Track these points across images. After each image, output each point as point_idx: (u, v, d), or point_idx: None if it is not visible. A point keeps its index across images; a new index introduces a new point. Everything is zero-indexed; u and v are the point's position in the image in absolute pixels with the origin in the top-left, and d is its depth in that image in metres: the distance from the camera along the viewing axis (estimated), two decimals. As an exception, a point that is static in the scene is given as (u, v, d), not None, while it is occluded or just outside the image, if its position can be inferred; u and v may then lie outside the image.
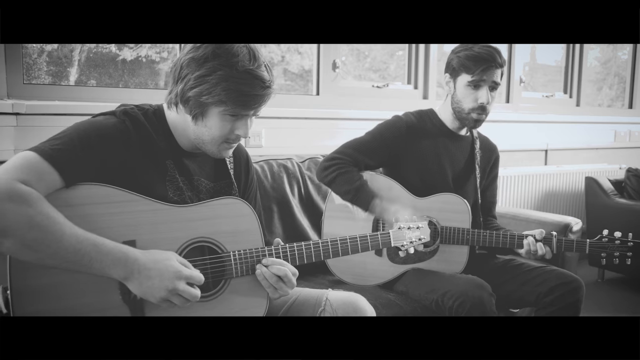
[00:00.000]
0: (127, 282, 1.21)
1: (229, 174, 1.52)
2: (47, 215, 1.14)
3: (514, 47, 3.66)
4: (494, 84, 2.01)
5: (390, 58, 3.46)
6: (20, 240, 1.12)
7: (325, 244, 1.49)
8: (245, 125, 1.37)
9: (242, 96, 1.30)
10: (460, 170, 2.14)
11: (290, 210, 2.32)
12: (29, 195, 1.14)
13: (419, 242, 1.68)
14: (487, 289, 1.84)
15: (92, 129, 1.29)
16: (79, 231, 1.18)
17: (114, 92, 2.37)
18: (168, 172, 1.38)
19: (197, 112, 1.33)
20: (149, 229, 1.29)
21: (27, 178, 1.16)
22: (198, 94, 1.30)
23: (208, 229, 1.36)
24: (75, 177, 1.23)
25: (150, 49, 2.56)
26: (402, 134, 2.06)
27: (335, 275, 2.08)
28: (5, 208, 1.11)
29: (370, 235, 1.58)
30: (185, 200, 1.39)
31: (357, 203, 1.98)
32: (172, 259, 1.24)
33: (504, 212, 2.72)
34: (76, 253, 1.16)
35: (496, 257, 2.19)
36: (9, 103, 1.96)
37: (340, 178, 1.99)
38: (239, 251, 1.38)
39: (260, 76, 1.30)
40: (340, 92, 2.96)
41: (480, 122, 2.05)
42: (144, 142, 1.34)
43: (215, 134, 1.36)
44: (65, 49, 2.39)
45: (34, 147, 1.22)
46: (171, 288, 1.21)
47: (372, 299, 1.93)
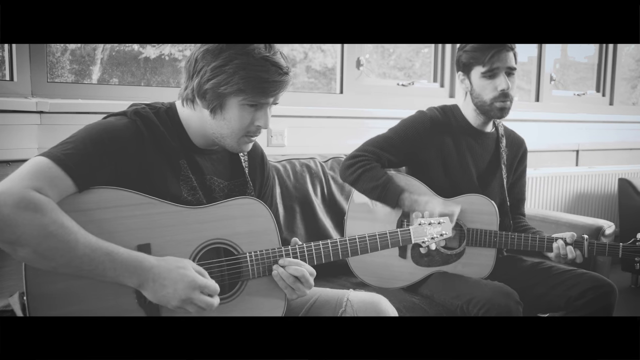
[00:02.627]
0: (142, 289, 1.22)
1: (243, 173, 1.53)
2: (61, 224, 1.15)
3: (544, 44, 3.62)
4: (509, 69, 1.99)
5: (415, 55, 3.44)
6: (35, 249, 1.13)
7: (343, 243, 1.48)
8: (265, 115, 1.37)
9: (261, 83, 1.30)
10: (484, 169, 2.12)
11: (312, 210, 2.33)
12: (43, 203, 1.14)
13: (441, 238, 1.66)
14: (514, 297, 1.82)
15: (103, 131, 1.29)
16: (93, 239, 1.18)
17: (136, 91, 2.41)
18: (181, 172, 1.38)
19: (215, 104, 1.33)
20: (164, 232, 1.30)
21: (40, 185, 1.16)
22: (216, 85, 1.30)
23: (224, 230, 1.36)
24: (88, 182, 1.23)
25: (173, 47, 2.59)
26: (426, 129, 2.05)
27: (357, 277, 2.08)
28: (19, 217, 1.11)
29: (390, 232, 1.57)
30: (200, 199, 1.39)
31: (384, 199, 1.97)
32: (187, 267, 1.24)
33: (533, 214, 2.69)
34: (90, 262, 1.17)
35: (524, 260, 2.17)
36: (33, 101, 2.00)
37: (365, 175, 1.98)
38: (255, 252, 1.38)
39: (277, 62, 1.31)
40: (364, 90, 2.96)
41: (506, 109, 2.02)
42: (157, 141, 1.34)
43: (235, 127, 1.36)
44: (88, 47, 2.43)
45: (46, 152, 1.22)
46: (185, 298, 1.22)
47: (395, 302, 1.93)
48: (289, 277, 1.36)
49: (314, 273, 1.39)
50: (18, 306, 1.19)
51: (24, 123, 1.98)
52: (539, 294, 2.00)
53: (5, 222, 1.11)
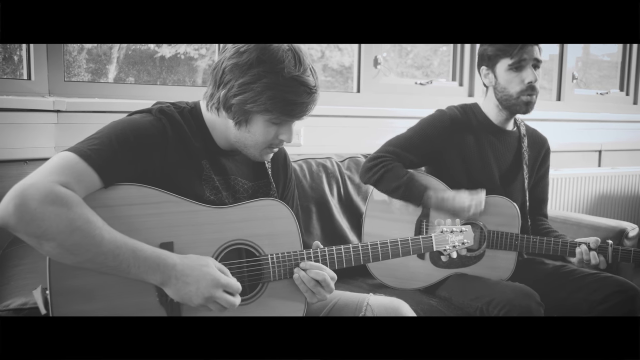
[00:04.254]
0: (165, 287, 1.24)
1: (267, 174, 1.54)
2: (87, 219, 1.16)
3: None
4: (536, 62, 1.98)
5: (433, 54, 3.43)
6: (61, 243, 1.15)
7: (365, 248, 1.48)
8: (289, 130, 1.38)
9: (289, 105, 1.31)
10: (506, 169, 2.11)
11: (329, 210, 2.33)
12: (70, 198, 1.16)
13: (462, 247, 1.66)
14: (535, 298, 1.81)
15: (129, 128, 1.30)
16: (118, 236, 1.20)
17: (152, 90, 2.43)
18: (204, 172, 1.39)
19: (240, 119, 1.34)
20: (187, 231, 1.31)
21: (67, 180, 1.17)
22: (242, 101, 1.31)
23: (246, 231, 1.37)
24: (113, 177, 1.25)
25: (189, 46, 2.61)
26: (445, 128, 2.04)
27: (375, 278, 2.08)
28: (46, 211, 1.13)
29: (412, 239, 1.57)
30: (223, 200, 1.40)
31: (408, 198, 1.96)
32: (210, 265, 1.26)
33: (554, 215, 2.66)
34: (115, 258, 1.18)
35: (545, 263, 2.15)
36: (50, 100, 2.03)
37: (387, 175, 1.98)
38: (277, 254, 1.38)
39: (306, 82, 1.31)
40: (382, 89, 2.96)
41: (532, 104, 2.01)
42: (180, 140, 1.36)
43: (259, 140, 1.37)
44: (104, 46, 2.45)
45: (72, 148, 1.24)
46: (208, 296, 1.23)
47: (413, 304, 1.93)
48: (310, 280, 1.36)
49: (335, 277, 1.40)
50: (41, 300, 1.21)
51: (41, 122, 2.01)
52: (561, 297, 1.98)
53: (32, 216, 1.12)
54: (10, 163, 1.96)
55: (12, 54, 2.21)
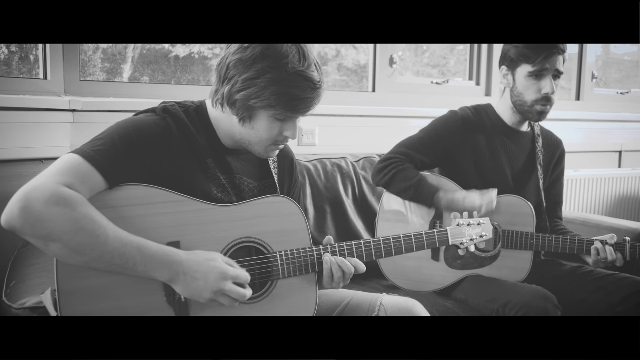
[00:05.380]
0: (173, 284, 1.25)
1: (272, 175, 1.54)
2: (92, 219, 1.18)
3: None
4: (557, 73, 1.96)
5: (450, 53, 3.42)
6: (66, 244, 1.16)
7: (377, 243, 1.48)
8: (294, 127, 1.38)
9: (293, 100, 1.31)
10: (520, 170, 2.10)
11: (343, 211, 2.33)
12: (74, 199, 1.17)
13: (481, 240, 1.61)
14: (553, 301, 1.80)
15: (133, 129, 1.31)
16: (124, 234, 1.21)
17: (167, 89, 2.45)
18: (209, 171, 1.40)
19: (244, 115, 1.35)
20: (194, 230, 1.31)
21: (71, 181, 1.19)
22: (246, 97, 1.31)
23: (254, 229, 1.38)
24: (118, 178, 1.26)
25: (203, 45, 2.63)
26: (458, 129, 2.04)
27: (389, 280, 2.08)
28: (50, 212, 1.14)
29: (426, 233, 1.55)
30: (230, 197, 1.41)
31: (419, 199, 1.97)
32: (217, 259, 1.27)
33: (573, 217, 2.65)
34: (121, 257, 1.19)
35: (562, 264, 2.14)
36: (66, 100, 2.06)
37: (398, 176, 1.98)
38: (286, 251, 1.39)
39: (311, 77, 1.31)
40: (398, 88, 2.96)
41: (545, 114, 2.00)
42: (186, 139, 1.37)
43: (264, 137, 1.37)
44: (119, 45, 2.48)
45: (77, 150, 1.25)
46: (217, 289, 1.24)
47: (428, 306, 1.92)
48: (338, 269, 1.38)
49: (361, 272, 1.42)
50: (50, 303, 1.23)
51: (57, 121, 2.04)
52: (579, 299, 1.97)
53: (37, 218, 1.14)
54: (26, 162, 1.99)
55: (28, 54, 2.25)
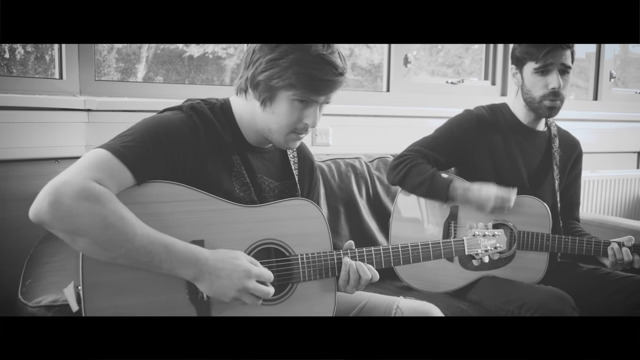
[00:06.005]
0: (197, 282, 1.25)
1: (293, 175, 1.55)
2: (120, 215, 1.19)
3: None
4: (564, 67, 1.96)
5: (465, 52, 3.41)
6: (94, 239, 1.17)
7: (395, 250, 1.49)
8: (314, 113, 1.39)
9: (313, 80, 1.32)
10: (535, 170, 2.10)
11: (357, 211, 2.34)
12: (103, 194, 1.18)
13: (495, 251, 1.66)
14: (570, 302, 1.79)
15: (161, 126, 1.32)
16: (151, 231, 1.22)
17: (181, 89, 2.47)
18: (234, 168, 1.41)
19: (265, 96, 1.36)
20: (217, 229, 1.33)
21: (100, 176, 1.20)
22: (268, 77, 1.33)
23: (276, 231, 1.39)
24: (146, 175, 1.27)
25: (217, 45, 2.65)
26: (472, 127, 2.04)
27: (403, 281, 2.08)
28: (79, 207, 1.15)
29: (443, 242, 1.57)
30: (251, 196, 1.42)
31: (433, 192, 1.96)
32: (240, 257, 1.28)
33: (590, 218, 2.63)
34: (147, 254, 1.20)
35: (579, 266, 2.13)
36: (81, 99, 2.08)
37: (412, 171, 1.98)
38: (307, 254, 1.40)
39: (333, 62, 1.33)
40: (412, 88, 2.96)
41: (555, 109, 2.00)
42: (212, 137, 1.38)
43: (283, 122, 1.38)
44: (133, 45, 2.50)
45: (105, 145, 1.26)
46: (241, 287, 1.25)
47: (442, 307, 1.91)
48: (355, 272, 1.39)
49: (375, 280, 1.42)
50: (73, 297, 1.23)
51: (72, 121, 2.06)
52: (597, 302, 1.95)
53: (66, 213, 1.15)
54: (42, 161, 2.01)
55: (43, 54, 2.28)
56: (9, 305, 1.46)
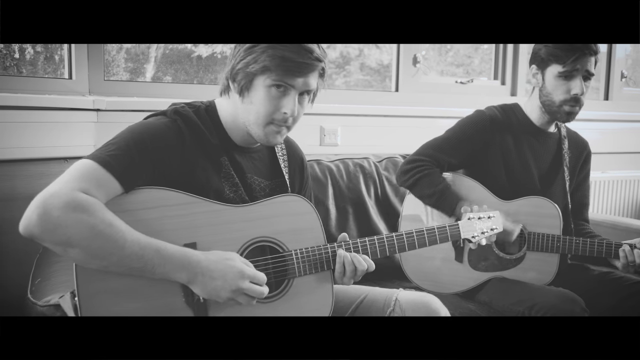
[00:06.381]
0: (191, 285, 1.26)
1: (282, 173, 1.56)
2: (109, 223, 1.19)
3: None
4: (588, 74, 1.95)
5: (474, 52, 3.40)
6: (85, 249, 1.18)
7: (390, 238, 1.50)
8: (291, 102, 1.37)
9: (287, 61, 1.33)
10: (546, 171, 2.09)
11: (366, 211, 2.34)
12: (91, 204, 1.19)
13: (492, 233, 1.65)
14: (580, 304, 1.78)
15: (145, 133, 1.33)
16: (141, 237, 1.22)
17: (189, 89, 2.48)
18: (223, 169, 1.42)
19: (243, 84, 1.37)
20: (209, 231, 1.33)
21: (87, 187, 1.21)
22: (245, 64, 1.35)
23: (268, 228, 1.39)
24: (133, 182, 1.28)
25: (225, 45, 2.65)
26: (485, 128, 2.03)
27: (412, 282, 2.08)
28: (68, 218, 1.16)
29: (438, 227, 1.57)
30: (242, 196, 1.43)
31: (441, 207, 1.96)
32: (234, 258, 1.28)
33: (601, 219, 2.62)
34: (139, 260, 1.21)
35: (591, 269, 2.12)
36: (90, 99, 2.09)
37: (423, 180, 1.98)
38: (301, 249, 1.40)
39: (308, 47, 1.34)
40: (421, 88, 2.95)
41: (574, 114, 1.99)
42: (198, 140, 1.39)
43: (261, 111, 1.37)
44: (142, 45, 2.51)
45: (91, 155, 1.27)
46: (235, 288, 1.25)
47: (451, 308, 1.91)
48: (351, 264, 1.40)
49: (372, 269, 1.43)
50: (70, 307, 1.25)
51: (82, 121, 2.08)
52: (609, 306, 1.94)
53: (55, 224, 1.16)
54: (51, 161, 2.03)
55: (53, 54, 2.29)
56: (19, 304, 1.47)
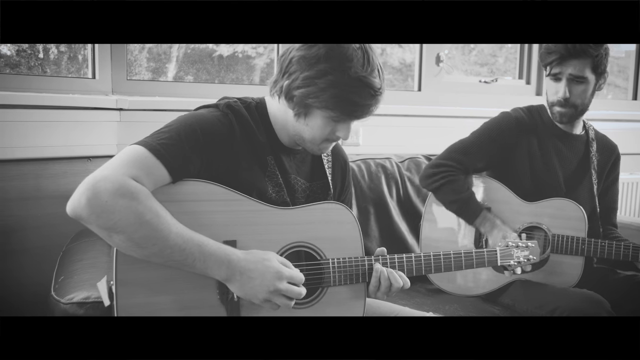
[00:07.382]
0: (229, 283, 1.27)
1: (325, 175, 1.56)
2: (156, 213, 1.20)
3: None
4: (572, 77, 1.93)
5: (499, 50, 3.38)
6: (129, 236, 1.19)
7: (427, 258, 1.49)
8: (347, 128, 1.39)
9: (351, 105, 1.32)
10: (572, 173, 2.07)
11: (387, 212, 2.34)
12: (140, 191, 1.20)
13: (527, 263, 1.67)
14: (606, 306, 1.77)
15: (197, 123, 1.33)
16: (185, 230, 1.23)
17: (211, 88, 2.50)
18: (268, 168, 1.42)
19: (300, 111, 1.36)
20: (250, 230, 1.34)
21: (137, 173, 1.21)
22: (304, 95, 1.33)
23: (308, 234, 1.39)
24: (181, 172, 1.28)
25: (247, 45, 2.67)
26: (511, 130, 2.03)
27: (434, 284, 2.07)
28: (116, 204, 1.17)
29: (476, 252, 1.57)
30: (284, 197, 1.43)
31: (462, 214, 1.97)
32: (272, 259, 1.29)
33: (628, 222, 2.58)
34: (181, 252, 1.22)
35: (617, 272, 2.09)
36: (113, 99, 2.13)
37: (447, 187, 1.98)
38: (338, 259, 1.40)
39: (372, 84, 1.31)
40: (444, 87, 2.94)
41: (565, 116, 1.99)
42: (247, 136, 1.39)
43: (316, 134, 1.39)
44: (164, 45, 2.54)
45: (141, 142, 1.27)
46: (273, 289, 1.26)
47: (474, 311, 1.91)
48: (386, 279, 1.39)
49: (406, 288, 1.42)
50: (105, 292, 1.26)
51: (105, 120, 2.11)
52: (635, 310, 1.91)
53: (103, 209, 1.17)
54: (74, 160, 2.06)
55: (77, 54, 2.33)
56: (44, 301, 1.50)
